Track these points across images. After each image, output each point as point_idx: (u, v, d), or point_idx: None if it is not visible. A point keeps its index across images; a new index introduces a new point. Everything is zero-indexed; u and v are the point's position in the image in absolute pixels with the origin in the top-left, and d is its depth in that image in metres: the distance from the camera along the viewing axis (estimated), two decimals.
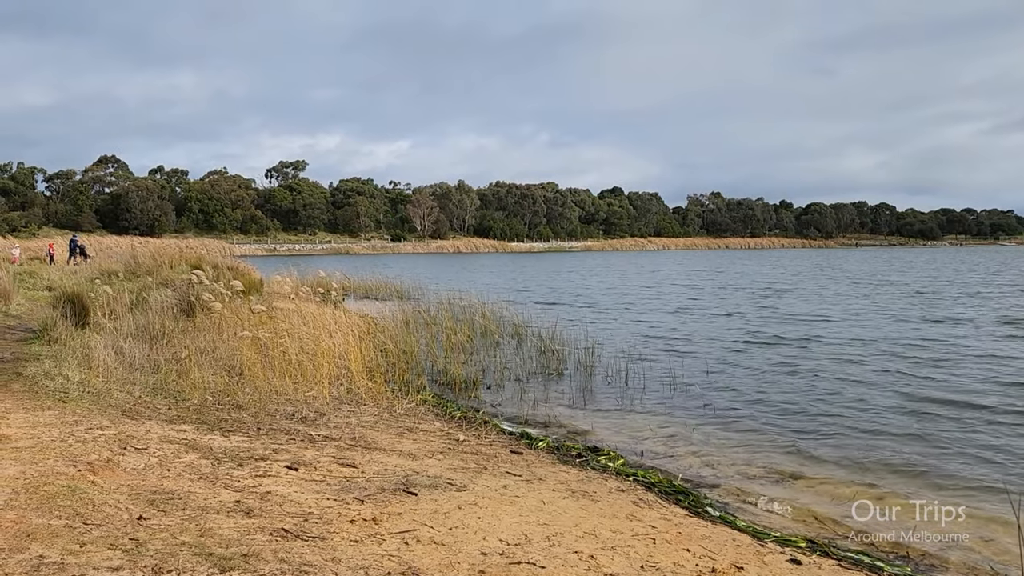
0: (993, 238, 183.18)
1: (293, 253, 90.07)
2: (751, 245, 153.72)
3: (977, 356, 13.90)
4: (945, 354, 14.17)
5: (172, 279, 17.55)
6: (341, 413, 8.73)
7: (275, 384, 9.51)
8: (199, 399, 8.76)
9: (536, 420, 9.50)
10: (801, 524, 5.97)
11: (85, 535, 4.24)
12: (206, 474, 5.91)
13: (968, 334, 17.15)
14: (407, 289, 26.36)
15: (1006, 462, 7.55)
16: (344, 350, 11.01)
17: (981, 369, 12.53)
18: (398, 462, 6.76)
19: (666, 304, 26.65)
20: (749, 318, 21.31)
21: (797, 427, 9.03)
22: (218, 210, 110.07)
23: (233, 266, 21.53)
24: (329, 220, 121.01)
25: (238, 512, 5.00)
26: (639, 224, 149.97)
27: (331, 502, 5.40)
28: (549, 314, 20.11)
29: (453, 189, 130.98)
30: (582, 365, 12.57)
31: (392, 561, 4.31)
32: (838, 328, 18.58)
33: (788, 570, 4.79)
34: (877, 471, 7.36)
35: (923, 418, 9.36)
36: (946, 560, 5.32)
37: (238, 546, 4.29)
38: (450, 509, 5.40)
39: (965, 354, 14.12)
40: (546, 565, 4.44)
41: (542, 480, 6.53)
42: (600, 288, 36.05)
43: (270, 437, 7.37)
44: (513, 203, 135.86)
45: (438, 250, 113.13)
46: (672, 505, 6.16)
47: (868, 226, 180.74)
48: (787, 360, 13.76)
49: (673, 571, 4.55)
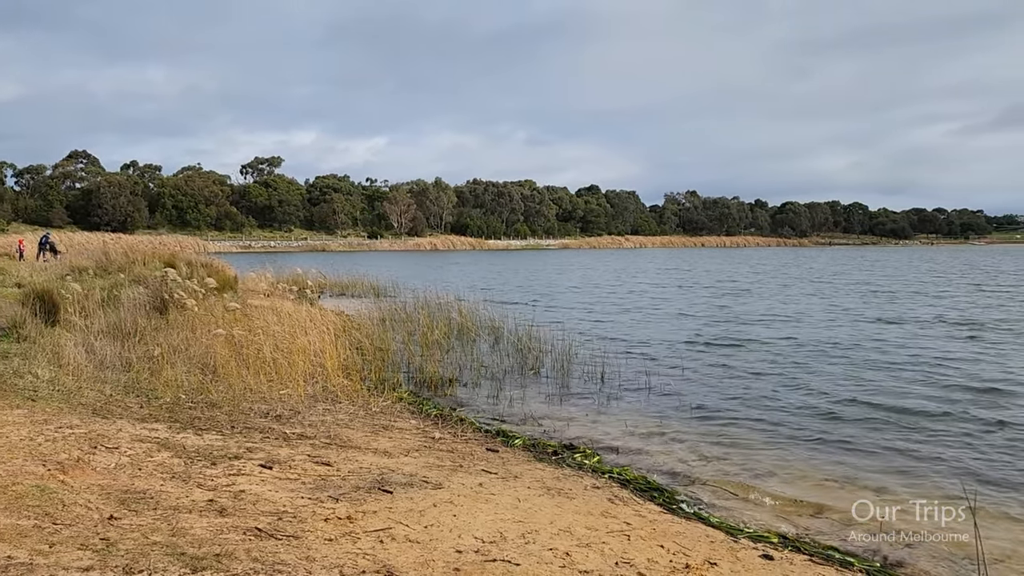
0: (963, 237, 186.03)
1: (269, 250, 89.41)
2: (727, 244, 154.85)
3: (915, 357, 14.13)
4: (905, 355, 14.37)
5: (145, 276, 17.33)
6: (316, 411, 8.68)
7: (249, 382, 9.44)
8: (172, 397, 8.67)
9: (512, 418, 9.50)
10: (774, 520, 6.03)
11: (54, 535, 4.19)
12: (178, 473, 5.86)
13: (917, 334, 17.42)
14: (383, 287, 26.26)
15: (958, 463, 7.68)
16: (320, 348, 10.95)
17: (920, 371, 12.74)
18: (373, 460, 6.73)
19: (637, 302, 26.79)
20: (720, 318, 21.47)
21: (770, 425, 9.11)
22: (192, 207, 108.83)
23: (207, 263, 21.29)
24: (305, 217, 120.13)
25: (211, 511, 4.96)
26: (616, 222, 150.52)
27: (305, 501, 5.37)
28: (525, 312, 20.13)
29: (430, 186, 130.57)
30: (559, 363, 12.59)
31: (367, 560, 4.29)
32: (810, 329, 18.77)
33: (760, 565, 4.84)
34: (853, 468, 7.45)
35: (888, 416, 9.49)
36: (915, 553, 5.40)
37: (211, 545, 4.25)
38: (425, 507, 5.39)
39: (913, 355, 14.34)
40: (521, 562, 4.45)
41: (518, 478, 6.54)
42: (566, 287, 36.13)
43: (244, 436, 7.31)
44: (491, 201, 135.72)
45: (415, 247, 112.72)
46: (647, 502, 6.20)
47: (841, 225, 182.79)
48: (759, 359, 13.88)
49: (647, 567, 4.58)
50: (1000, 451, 7.90)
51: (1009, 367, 12.74)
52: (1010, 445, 8.09)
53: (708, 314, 22.13)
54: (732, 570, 4.69)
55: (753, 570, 4.74)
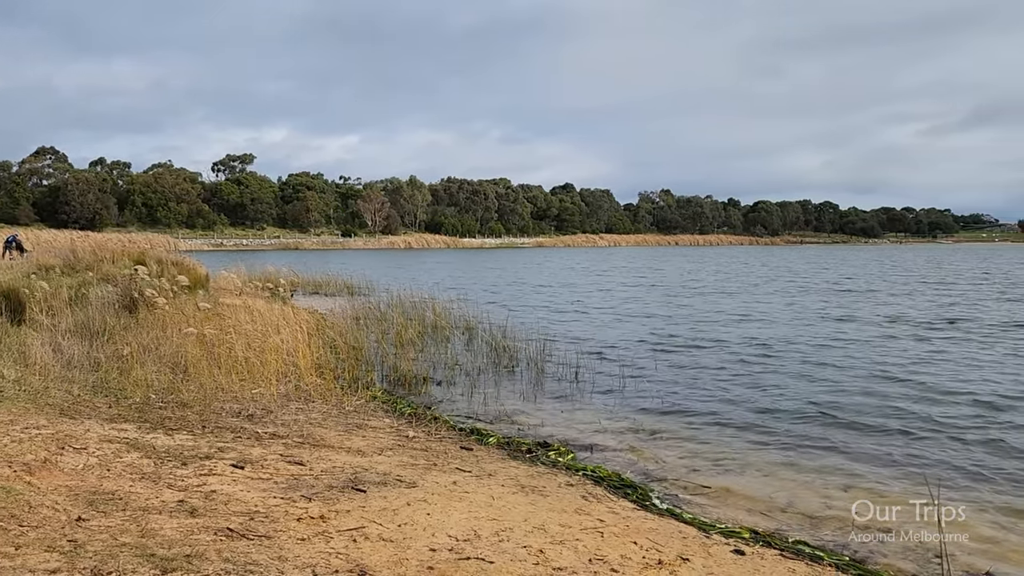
0: (931, 236, 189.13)
1: (241, 248, 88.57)
2: (700, 242, 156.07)
3: (879, 355, 14.36)
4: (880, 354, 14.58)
5: (114, 274, 17.08)
6: (289, 410, 8.62)
7: (221, 381, 9.34)
8: (142, 397, 8.56)
9: (487, 416, 9.50)
10: (745, 516, 6.09)
11: (21, 537, 4.12)
12: (148, 473, 5.79)
13: (881, 333, 17.70)
14: (357, 285, 26.13)
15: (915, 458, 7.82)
16: (292, 347, 10.87)
17: (884, 370, 12.94)
18: (347, 459, 6.70)
19: (609, 301, 26.91)
20: (692, 317, 21.63)
21: (742, 423, 9.20)
22: (162, 204, 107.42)
23: (178, 261, 21.02)
24: (278, 215, 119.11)
25: (181, 512, 4.91)
26: (591, 220, 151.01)
27: (278, 500, 5.34)
28: (498, 311, 20.14)
29: (404, 185, 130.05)
30: (533, 362, 12.61)
31: (340, 559, 4.27)
32: (780, 329, 18.97)
33: (732, 560, 4.89)
34: (823, 465, 7.54)
35: (857, 414, 9.62)
36: (883, 548, 5.48)
37: (181, 546, 4.21)
38: (399, 506, 5.38)
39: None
40: (495, 560, 4.45)
41: (492, 476, 6.54)
42: (534, 285, 36.22)
43: (215, 435, 7.24)
44: (465, 199, 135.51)
45: (389, 246, 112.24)
46: (620, 499, 6.23)
47: (813, 224, 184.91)
48: (731, 359, 14.01)
49: (620, 564, 4.61)
50: (966, 447, 8.04)
51: (963, 366, 12.98)
52: (976, 441, 8.24)
53: (679, 314, 22.29)
54: (704, 566, 4.73)
55: (725, 565, 4.78)
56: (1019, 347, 14.90)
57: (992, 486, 6.83)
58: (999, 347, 14.94)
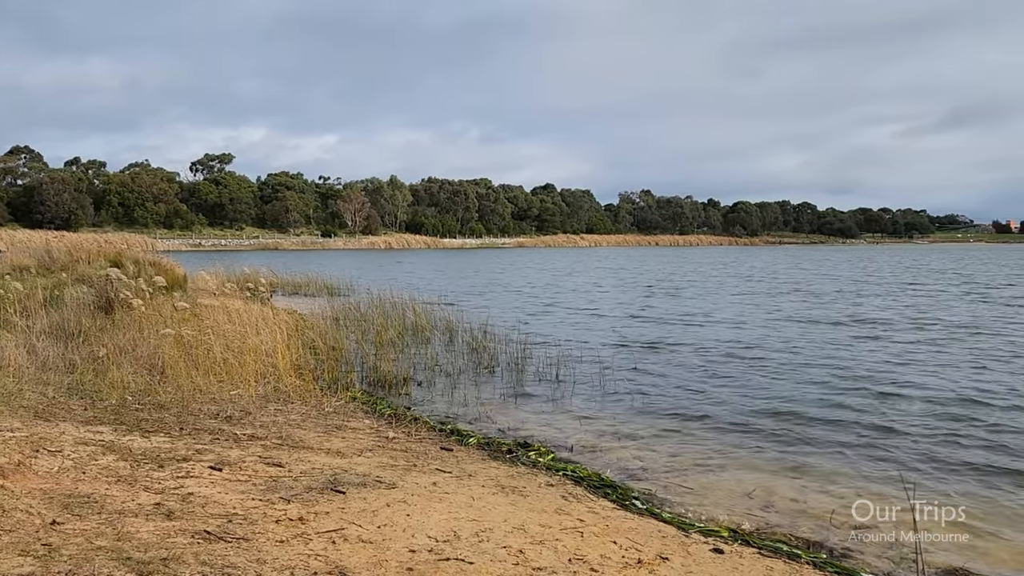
0: (908, 237, 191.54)
1: (219, 248, 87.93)
2: (680, 243, 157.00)
3: (856, 354, 14.52)
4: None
5: (90, 275, 16.90)
6: (268, 412, 8.57)
7: (199, 383, 9.26)
8: (118, 399, 8.47)
9: (467, 417, 9.49)
10: (724, 514, 6.13)
11: None
12: (124, 476, 5.73)
13: (857, 334, 17.89)
14: (337, 286, 26.01)
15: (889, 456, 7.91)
16: (271, 347, 10.81)
17: (861, 368, 13.08)
18: (326, 461, 6.67)
19: (590, 301, 26.99)
20: (671, 318, 21.74)
21: (721, 422, 9.25)
22: (139, 204, 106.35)
23: (155, 262, 20.85)
24: (257, 215, 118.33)
25: (158, 515, 4.86)
26: (571, 221, 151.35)
27: (256, 502, 5.30)
28: (480, 311, 20.13)
29: (385, 184, 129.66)
30: (513, 362, 12.62)
31: (319, 561, 4.25)
32: (758, 330, 19.12)
33: (711, 559, 4.91)
34: (801, 463, 7.60)
35: (835, 411, 9.71)
36: (860, 545, 5.54)
37: (157, 549, 4.17)
38: (379, 507, 5.36)
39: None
40: (475, 561, 4.45)
41: (472, 476, 6.54)
42: (515, 286, 36.25)
43: (193, 437, 7.18)
44: (446, 199, 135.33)
45: (369, 246, 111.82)
46: (600, 499, 6.25)
47: (791, 224, 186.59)
48: (710, 359, 14.09)
49: (600, 563, 4.62)
50: (941, 445, 8.14)
51: (935, 365, 13.15)
52: (952, 440, 8.34)
53: (658, 315, 22.39)
54: (683, 564, 4.75)
55: (703, 564, 4.81)
56: (987, 347, 15.11)
57: (968, 484, 6.92)
58: (971, 347, 15.14)
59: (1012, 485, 6.84)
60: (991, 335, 16.78)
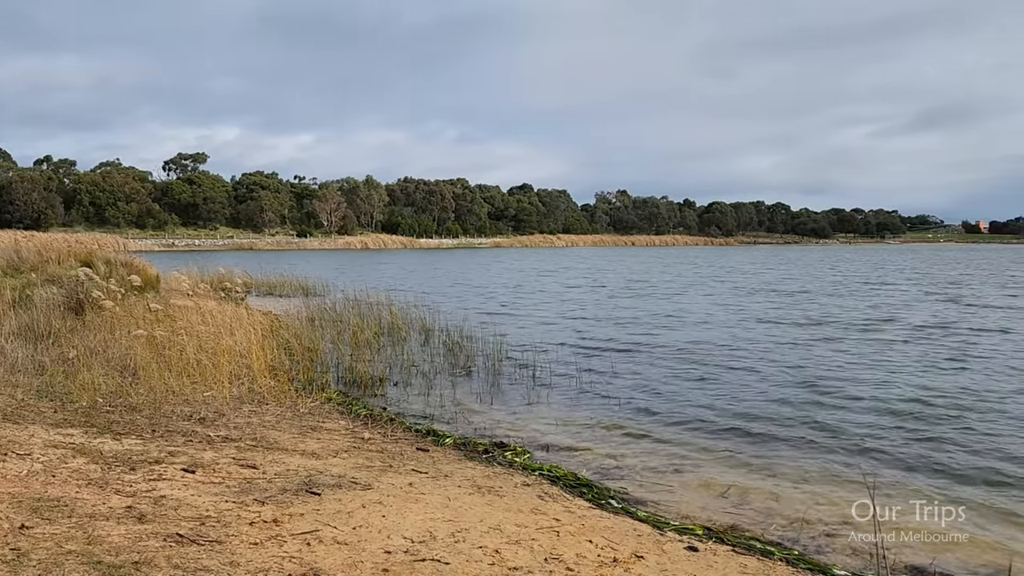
0: (880, 237, 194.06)
1: (193, 248, 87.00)
2: (656, 243, 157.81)
3: (824, 354, 14.70)
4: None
5: (60, 275, 16.65)
6: (242, 413, 8.50)
7: (172, 384, 9.16)
8: (88, 401, 8.35)
9: (443, 417, 9.48)
10: (699, 513, 6.17)
11: None
12: (95, 479, 5.65)
13: (827, 334, 18.12)
14: (312, 286, 25.85)
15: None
16: (246, 348, 10.72)
17: (829, 367, 13.25)
18: (301, 462, 6.63)
19: (565, 302, 27.06)
20: (647, 319, 21.86)
21: (696, 421, 9.32)
22: (111, 203, 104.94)
23: (127, 262, 20.57)
24: (231, 215, 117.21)
25: (129, 518, 4.80)
26: (548, 221, 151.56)
27: (230, 504, 5.25)
28: (456, 311, 20.11)
29: (361, 184, 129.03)
30: (489, 362, 12.61)
31: (293, 563, 4.23)
32: (732, 330, 19.28)
33: (686, 557, 4.95)
34: (774, 461, 7.68)
35: (806, 410, 9.82)
36: (830, 542, 5.61)
37: (129, 553, 4.12)
38: (354, 508, 5.33)
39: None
40: (451, 561, 4.45)
41: (448, 477, 6.53)
42: (498, 285, 36.27)
43: (165, 439, 7.11)
44: (422, 199, 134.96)
45: (345, 246, 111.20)
46: (576, 498, 6.26)
47: (766, 225, 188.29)
48: (684, 358, 14.19)
49: (576, 562, 4.63)
50: (908, 444, 8.26)
51: (901, 364, 13.35)
52: (919, 439, 8.47)
53: (635, 315, 22.50)
54: (658, 562, 4.78)
55: (678, 562, 4.84)
56: (948, 348, 15.36)
57: (936, 483, 7.02)
58: (938, 348, 15.39)
59: (980, 484, 6.96)
60: (950, 335, 17.04)
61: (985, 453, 7.82)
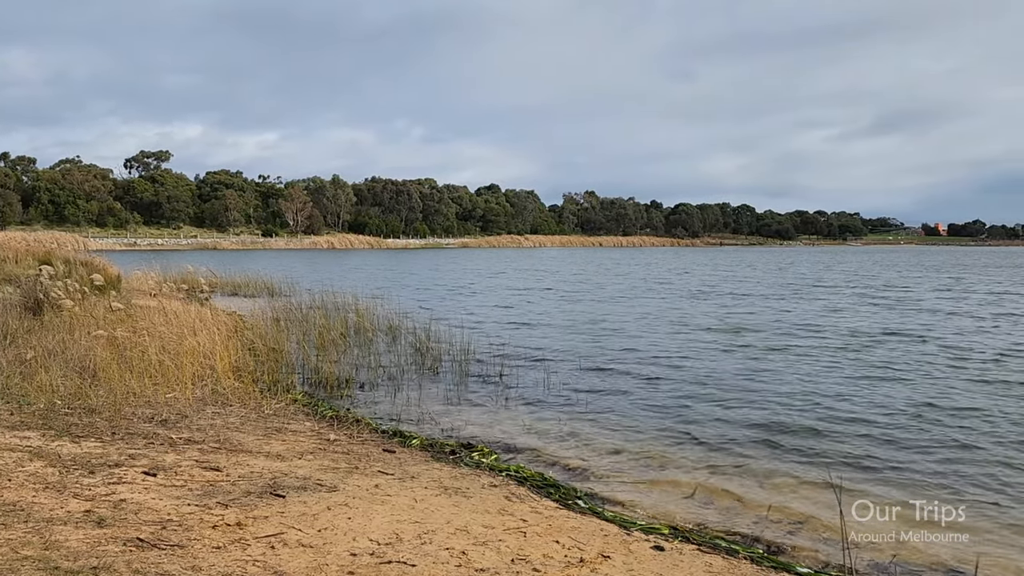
0: (842, 239, 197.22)
1: (156, 248, 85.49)
2: (623, 244, 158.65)
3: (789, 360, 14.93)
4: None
5: (17, 275, 16.29)
6: (205, 415, 8.37)
7: (133, 386, 9.00)
8: (46, 403, 8.17)
9: (410, 418, 9.43)
10: (665, 512, 6.21)
11: None
12: (53, 483, 5.53)
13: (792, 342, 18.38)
14: (278, 286, 25.59)
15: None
16: (210, 349, 10.57)
17: (792, 371, 13.44)
18: (265, 464, 6.55)
19: (533, 304, 27.11)
20: (614, 321, 21.98)
21: (661, 421, 9.38)
22: (71, 201, 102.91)
23: (88, 261, 20.18)
24: (195, 214, 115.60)
25: (88, 522, 4.71)
26: (516, 221, 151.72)
27: (192, 508, 5.17)
28: (423, 312, 20.02)
29: (327, 184, 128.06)
30: (457, 363, 12.58)
31: (257, 567, 4.17)
32: (698, 333, 19.43)
33: (652, 556, 4.97)
34: (739, 461, 7.75)
35: (776, 410, 9.94)
36: (793, 539, 5.68)
37: (87, 558, 4.04)
38: (319, 510, 5.28)
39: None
40: (417, 563, 4.42)
41: (415, 478, 6.50)
42: (461, 285, 36.21)
43: (126, 442, 6.98)
44: (389, 199, 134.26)
45: (311, 246, 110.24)
46: (543, 499, 6.27)
47: (731, 226, 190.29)
48: (652, 361, 14.28)
49: (543, 563, 4.64)
50: (873, 444, 8.40)
51: (869, 367, 13.59)
52: (882, 439, 8.61)
53: (600, 318, 22.60)
54: (624, 562, 4.80)
55: (645, 561, 4.86)
56: (908, 354, 15.67)
57: (898, 482, 7.15)
58: (898, 352, 15.68)
59: (940, 485, 7.09)
60: (906, 341, 17.39)
61: (940, 452, 7.99)
